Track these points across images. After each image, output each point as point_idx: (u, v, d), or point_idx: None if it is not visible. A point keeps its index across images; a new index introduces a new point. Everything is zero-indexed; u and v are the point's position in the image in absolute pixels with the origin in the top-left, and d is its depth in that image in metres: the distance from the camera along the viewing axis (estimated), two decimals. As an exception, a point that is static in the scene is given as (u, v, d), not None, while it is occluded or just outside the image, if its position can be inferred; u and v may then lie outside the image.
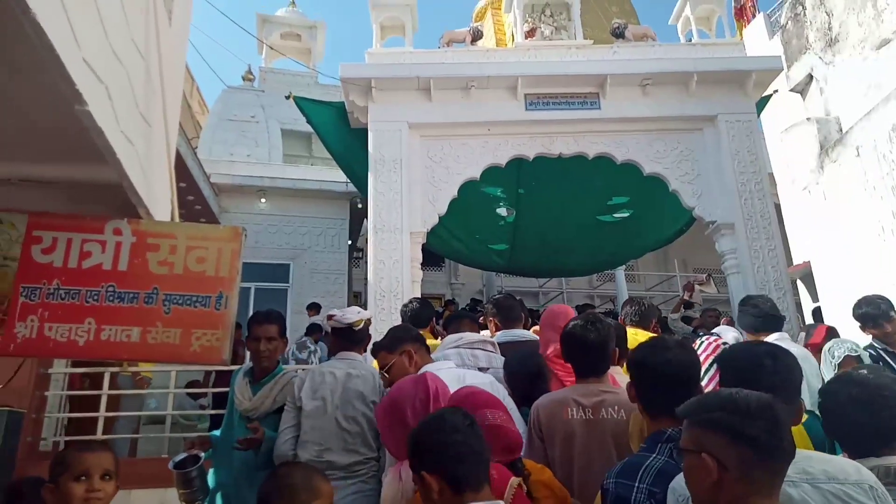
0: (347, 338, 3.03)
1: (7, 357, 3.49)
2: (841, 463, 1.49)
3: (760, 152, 6.88)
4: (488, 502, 1.52)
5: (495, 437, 1.84)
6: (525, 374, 2.70)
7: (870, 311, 3.48)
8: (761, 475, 1.21)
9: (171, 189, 3.53)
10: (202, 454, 2.97)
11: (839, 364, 3.09)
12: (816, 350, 3.43)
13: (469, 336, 3.04)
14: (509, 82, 6.83)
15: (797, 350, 2.96)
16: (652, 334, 3.41)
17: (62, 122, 2.55)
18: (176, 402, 7.11)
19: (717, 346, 3.08)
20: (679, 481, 1.45)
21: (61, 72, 2.07)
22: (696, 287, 10.73)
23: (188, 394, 7.55)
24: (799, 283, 8.96)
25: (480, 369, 2.83)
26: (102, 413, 6.01)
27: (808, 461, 1.44)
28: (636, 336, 3.32)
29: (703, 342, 3.16)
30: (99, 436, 5.90)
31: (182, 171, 8.57)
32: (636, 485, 1.62)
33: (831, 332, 3.56)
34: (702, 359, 2.97)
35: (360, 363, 2.99)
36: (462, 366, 2.77)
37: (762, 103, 7.55)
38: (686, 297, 10.48)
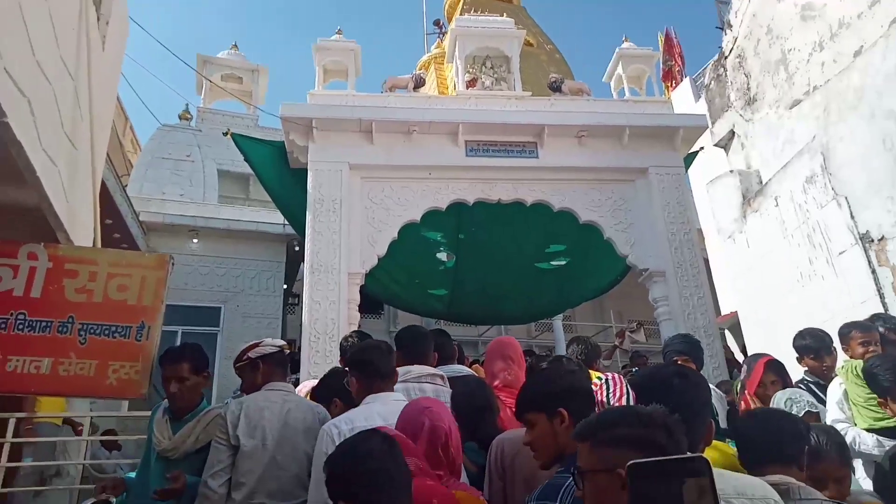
0: (279, 363, 2.89)
1: None
2: (749, 480, 1.56)
3: (689, 204, 7.23)
4: None
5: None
6: (474, 408, 2.64)
7: (812, 344, 3.55)
8: None
9: (94, 215, 3.37)
10: (113, 500, 2.73)
11: None
12: (755, 387, 3.48)
13: (417, 369, 2.92)
14: (450, 128, 6.97)
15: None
16: (597, 373, 3.43)
17: (-23, 137, 2.41)
18: (88, 452, 6.60)
19: (622, 380, 3.12)
20: None
21: (-21, 78, 1.97)
22: (628, 334, 11.03)
23: (102, 444, 7.03)
24: (727, 333, 9.32)
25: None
26: (3, 464, 5.51)
27: (721, 478, 1.46)
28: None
29: (608, 381, 3.15)
30: (-3, 489, 5.39)
31: (109, 207, 8.22)
32: None
33: (771, 366, 3.58)
34: (613, 397, 3.01)
35: (294, 393, 2.85)
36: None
37: (690, 159, 7.97)
38: (618, 344, 10.74)
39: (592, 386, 2.40)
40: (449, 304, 9.46)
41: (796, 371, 3.62)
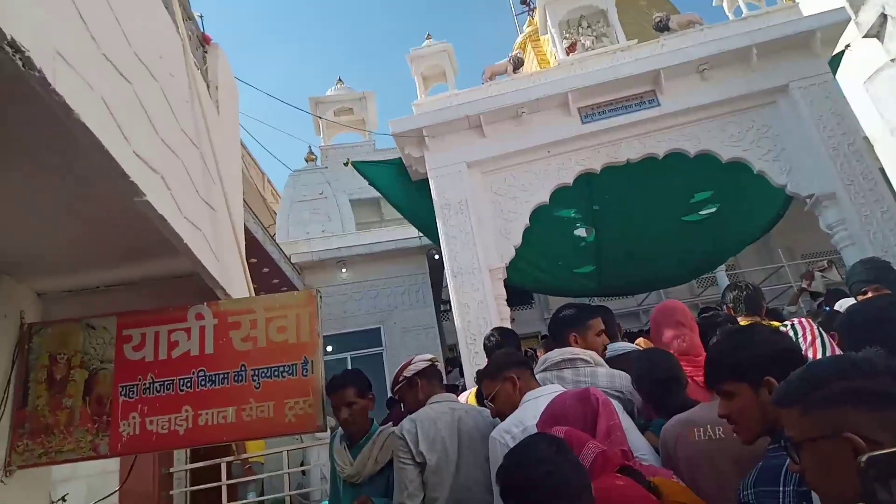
0: (434, 375, 2.88)
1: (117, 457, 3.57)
2: None
3: (846, 112, 6.33)
4: None
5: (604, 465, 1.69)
6: (655, 381, 2.43)
7: None
8: None
9: (243, 267, 3.58)
10: None
11: None
12: None
13: (553, 354, 2.72)
14: (560, 100, 6.69)
15: None
16: (775, 322, 3.05)
17: (130, 221, 2.63)
18: (294, 482, 7.16)
19: (811, 324, 2.68)
20: None
21: (114, 167, 2.11)
22: (817, 274, 9.78)
23: (303, 471, 7.59)
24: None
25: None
26: (225, 503, 6.11)
27: None
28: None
29: (794, 326, 2.73)
30: (225, 526, 5.99)
31: (263, 256, 8.90)
32: (781, 489, 1.39)
33: None
34: (804, 343, 2.60)
35: (458, 401, 2.82)
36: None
37: (836, 61, 7.00)
38: (805, 286, 9.55)
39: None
40: (598, 279, 9.10)
41: None
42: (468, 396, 3.38)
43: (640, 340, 4.22)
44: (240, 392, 3.00)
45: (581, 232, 8.21)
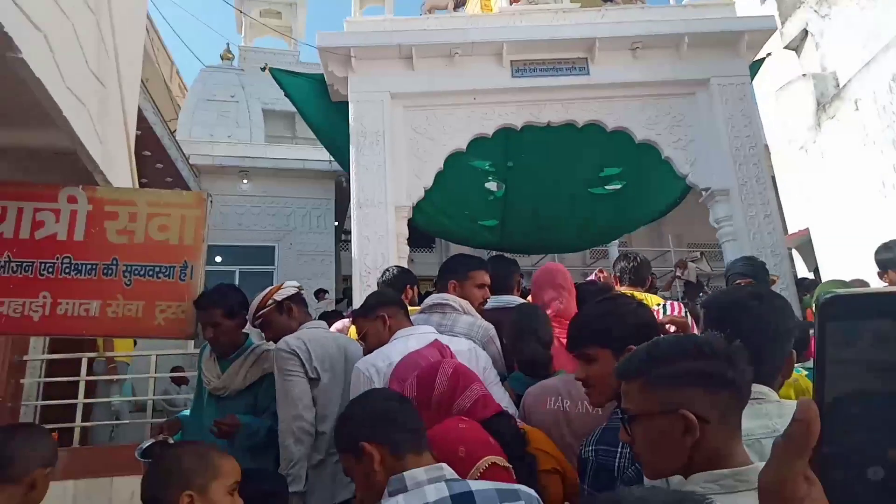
0: (304, 302, 2.84)
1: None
2: None
3: (755, 116, 6.69)
4: (429, 466, 1.40)
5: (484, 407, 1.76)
6: (517, 333, 2.50)
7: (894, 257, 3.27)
8: (736, 419, 1.07)
9: (129, 155, 3.31)
10: (171, 439, 2.78)
11: None
12: None
13: (428, 299, 2.79)
14: (495, 48, 6.59)
15: None
16: (649, 295, 3.22)
17: (2, 80, 2.33)
18: (160, 388, 6.93)
19: (680, 306, 2.90)
20: None
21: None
22: (690, 264, 10.48)
23: (172, 380, 7.37)
24: (794, 252, 8.82)
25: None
26: (81, 400, 5.83)
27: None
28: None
29: (665, 306, 2.95)
30: (78, 422, 5.73)
31: (158, 151, 8.32)
32: (619, 450, 1.48)
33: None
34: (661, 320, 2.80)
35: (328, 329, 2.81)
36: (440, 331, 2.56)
37: (755, 67, 7.34)
38: (678, 275, 10.23)
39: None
40: (500, 234, 9.27)
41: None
42: (347, 329, 3.35)
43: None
44: (108, 286, 2.81)
45: (492, 185, 8.27)
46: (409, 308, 2.76)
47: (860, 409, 0.56)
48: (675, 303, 2.93)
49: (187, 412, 3.10)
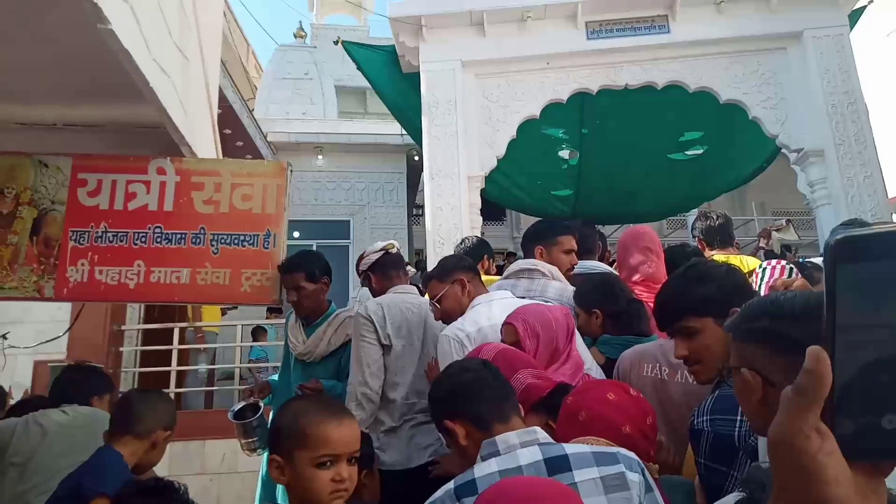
0: (393, 265, 2.84)
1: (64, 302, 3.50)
2: None
3: (853, 70, 6.16)
4: (521, 430, 1.37)
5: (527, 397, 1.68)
6: (602, 295, 2.44)
7: None
8: None
9: (213, 128, 3.39)
10: (261, 402, 2.87)
11: None
12: None
13: (515, 265, 2.76)
14: (569, 10, 6.34)
15: None
16: (744, 256, 3.04)
17: (93, 52, 2.42)
18: (246, 356, 7.25)
19: (783, 268, 2.69)
20: None
21: (76, -17, 1.90)
22: (774, 234, 9.88)
23: (254, 338, 7.67)
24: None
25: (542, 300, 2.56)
26: (174, 368, 6.18)
27: None
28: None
29: (765, 268, 2.77)
30: (172, 388, 6.07)
31: (238, 129, 8.58)
32: (738, 418, 1.36)
33: None
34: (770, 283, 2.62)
35: (418, 295, 2.80)
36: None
37: (855, 16, 6.75)
38: (762, 245, 9.67)
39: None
40: (574, 205, 9.05)
41: None
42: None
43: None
44: (197, 254, 2.92)
45: (565, 154, 8.06)
46: (487, 278, 2.74)
47: (875, 359, 0.50)
48: (780, 263, 2.74)
49: (275, 377, 3.20)
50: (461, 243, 3.52)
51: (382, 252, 2.82)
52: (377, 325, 2.57)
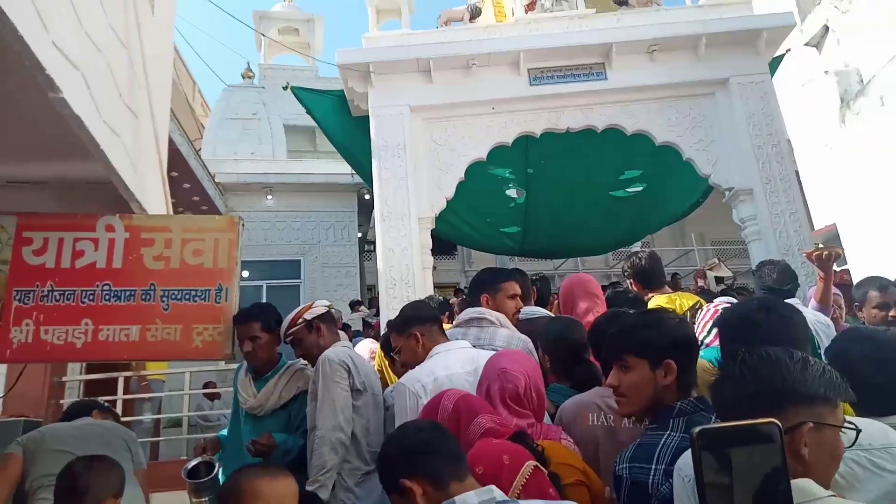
0: (334, 321, 2.93)
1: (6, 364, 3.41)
2: (867, 426, 1.28)
3: (776, 114, 6.62)
4: (479, 490, 1.40)
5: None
6: (567, 349, 2.54)
7: None
8: None
9: (162, 181, 3.41)
10: (216, 460, 2.85)
11: None
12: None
13: (462, 314, 2.83)
14: (511, 58, 6.62)
15: (810, 315, 2.70)
16: (681, 294, 3.24)
17: (42, 115, 2.44)
18: (193, 403, 7.07)
19: (717, 311, 2.91)
20: (686, 459, 1.31)
21: (30, 56, 1.94)
22: (708, 272, 10.37)
23: (205, 395, 7.51)
24: (822, 245, 8.68)
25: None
26: (120, 419, 5.96)
27: None
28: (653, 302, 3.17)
29: (703, 309, 2.99)
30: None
31: (185, 171, 8.50)
32: (653, 466, 1.47)
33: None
34: (701, 324, 2.83)
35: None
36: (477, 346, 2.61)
37: (775, 63, 7.26)
38: (700, 285, 10.14)
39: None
40: (522, 240, 9.31)
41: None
42: (374, 353, 3.44)
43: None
44: (147, 311, 2.91)
45: (512, 192, 8.31)
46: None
47: None
48: (713, 307, 2.94)
49: (225, 431, 3.18)
50: (428, 300, 3.64)
51: (327, 308, 2.88)
52: (351, 370, 2.61)
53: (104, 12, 2.72)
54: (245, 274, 10.13)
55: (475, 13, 7.36)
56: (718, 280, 8.35)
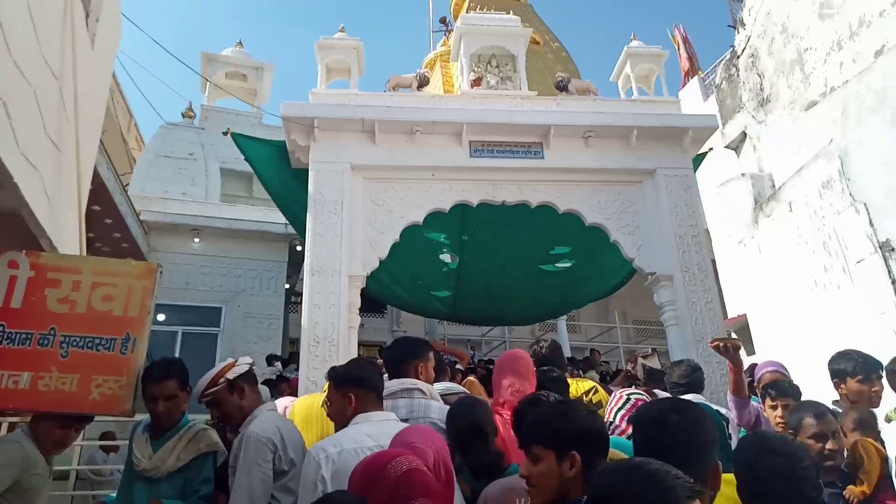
0: (256, 381, 2.77)
1: None
2: None
3: (697, 206, 7.04)
4: None
5: None
6: (465, 434, 2.47)
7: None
8: None
9: (80, 219, 3.24)
10: None
11: None
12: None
13: (389, 385, 2.69)
14: (454, 128, 6.81)
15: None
16: (579, 380, 3.30)
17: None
18: (85, 455, 6.52)
19: (621, 398, 2.97)
20: None
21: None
22: (640, 360, 10.63)
23: (101, 447, 6.95)
24: (733, 336, 9.13)
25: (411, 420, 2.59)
26: None
27: None
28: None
29: (615, 395, 3.06)
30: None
31: (109, 206, 8.14)
32: None
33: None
34: (608, 409, 2.90)
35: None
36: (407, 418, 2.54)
37: (698, 160, 7.79)
38: (630, 370, 10.38)
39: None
40: (452, 305, 9.36)
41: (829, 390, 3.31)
42: (288, 408, 3.28)
43: (470, 379, 4.39)
44: (42, 357, 2.69)
45: (446, 257, 8.41)
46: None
47: None
48: (617, 395, 3.00)
49: (114, 495, 2.93)
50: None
51: (249, 366, 2.73)
52: (279, 450, 2.43)
53: (38, 44, 2.63)
54: (161, 317, 9.63)
55: (423, 82, 7.57)
56: (647, 370, 8.57)
